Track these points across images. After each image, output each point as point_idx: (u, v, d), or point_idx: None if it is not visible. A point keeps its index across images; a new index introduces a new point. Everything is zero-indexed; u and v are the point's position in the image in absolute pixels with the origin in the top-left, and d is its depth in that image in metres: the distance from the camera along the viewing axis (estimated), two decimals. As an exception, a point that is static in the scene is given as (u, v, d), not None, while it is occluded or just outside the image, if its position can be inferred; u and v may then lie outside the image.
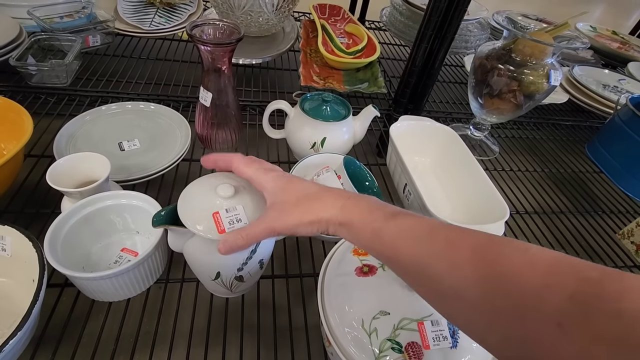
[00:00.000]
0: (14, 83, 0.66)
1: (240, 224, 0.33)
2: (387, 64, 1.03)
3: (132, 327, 0.41)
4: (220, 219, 0.33)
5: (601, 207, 0.75)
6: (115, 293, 0.41)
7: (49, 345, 0.38)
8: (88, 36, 0.76)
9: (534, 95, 0.66)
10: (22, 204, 0.50)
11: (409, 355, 0.33)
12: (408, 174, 0.53)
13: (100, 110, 0.63)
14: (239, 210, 0.34)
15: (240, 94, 0.78)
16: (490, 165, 0.77)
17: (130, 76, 0.75)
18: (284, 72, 0.91)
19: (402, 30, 0.97)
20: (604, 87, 0.99)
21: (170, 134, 0.62)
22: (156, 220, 0.35)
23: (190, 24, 0.50)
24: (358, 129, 0.63)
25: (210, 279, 0.39)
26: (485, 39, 0.99)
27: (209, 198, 0.34)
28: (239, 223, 0.33)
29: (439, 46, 0.67)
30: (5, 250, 0.40)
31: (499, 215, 0.49)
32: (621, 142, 0.75)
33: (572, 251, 0.63)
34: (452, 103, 0.91)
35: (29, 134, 0.47)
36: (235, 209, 0.34)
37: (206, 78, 0.55)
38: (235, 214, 0.33)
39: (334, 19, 1.00)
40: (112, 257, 0.45)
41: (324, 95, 0.60)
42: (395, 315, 0.35)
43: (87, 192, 0.43)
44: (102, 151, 0.47)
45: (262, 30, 0.87)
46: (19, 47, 0.67)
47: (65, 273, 0.37)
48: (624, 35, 1.36)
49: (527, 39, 0.62)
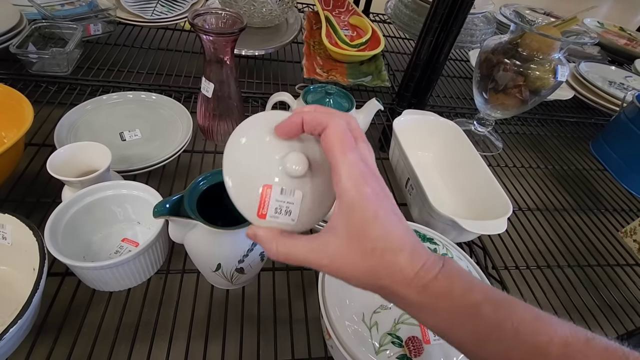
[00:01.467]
0: (14, 71, 0.66)
1: (287, 219, 0.25)
2: (391, 57, 1.02)
3: (132, 317, 0.41)
4: (268, 199, 0.24)
5: (604, 205, 0.75)
6: (115, 283, 0.41)
7: (50, 333, 0.38)
8: (89, 24, 0.75)
9: (539, 90, 0.65)
10: (23, 193, 0.50)
11: (409, 349, 0.33)
12: (411, 169, 0.53)
13: (102, 99, 0.63)
14: (295, 198, 0.25)
15: (243, 85, 0.77)
16: (494, 161, 0.76)
17: (131, 66, 0.74)
18: (286, 64, 0.90)
19: (407, 23, 0.96)
20: (609, 84, 0.97)
21: (172, 125, 0.62)
22: (157, 211, 0.35)
23: (192, 13, 0.49)
24: (361, 122, 0.62)
25: (211, 270, 0.39)
26: (491, 33, 0.98)
27: (269, 162, 0.24)
28: (286, 216, 0.25)
29: (444, 40, 0.66)
30: (6, 239, 0.40)
31: (502, 211, 0.48)
32: (626, 140, 0.74)
33: (574, 248, 0.63)
34: (456, 98, 0.90)
35: (30, 122, 0.46)
36: (293, 193, 0.25)
37: (208, 68, 0.54)
38: (289, 200, 0.25)
39: (338, 10, 0.99)
40: (112, 247, 0.45)
41: (327, 88, 0.60)
42: (396, 310, 0.34)
43: (88, 182, 0.43)
44: (103, 141, 0.47)
45: (265, 21, 0.86)
46: (19, 34, 0.66)
47: (65, 262, 0.37)
48: (632, 31, 1.35)
49: (535, 33, 0.61)
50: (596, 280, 0.59)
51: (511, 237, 0.61)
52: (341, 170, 0.22)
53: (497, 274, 0.53)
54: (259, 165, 0.25)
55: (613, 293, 0.58)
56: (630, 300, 0.58)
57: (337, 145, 0.23)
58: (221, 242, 0.37)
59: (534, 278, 0.56)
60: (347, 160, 0.22)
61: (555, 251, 0.61)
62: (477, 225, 0.45)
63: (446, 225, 0.47)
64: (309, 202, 0.25)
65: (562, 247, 0.63)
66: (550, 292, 0.54)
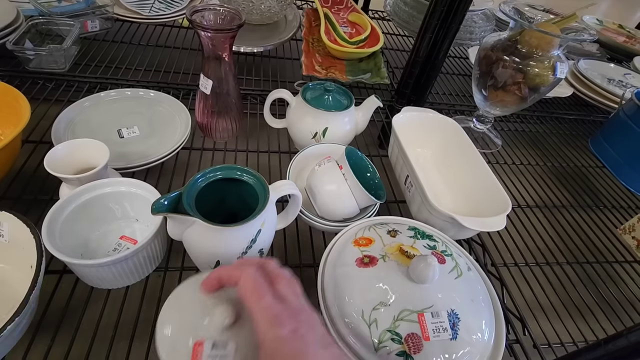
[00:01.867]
0: (11, 68, 0.65)
1: None
2: (390, 54, 1.02)
3: (131, 314, 0.41)
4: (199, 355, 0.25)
5: (603, 202, 0.75)
6: (114, 280, 0.40)
7: (48, 331, 0.38)
8: (87, 21, 0.75)
9: (539, 87, 0.65)
10: (20, 190, 0.50)
11: (408, 346, 0.33)
12: (410, 166, 0.52)
13: (99, 96, 0.62)
14: (228, 350, 0.25)
15: (241, 82, 0.77)
16: (493, 159, 0.76)
17: (129, 63, 0.74)
18: (285, 61, 0.90)
19: (406, 20, 0.96)
20: (608, 81, 0.97)
21: (170, 122, 0.62)
22: (156, 208, 0.34)
23: (190, 9, 0.49)
24: (360, 120, 0.62)
25: (209, 267, 0.39)
26: (490, 30, 0.98)
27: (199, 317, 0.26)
28: None
29: (443, 36, 0.66)
30: (3, 236, 0.39)
31: (501, 208, 0.48)
32: (625, 137, 0.74)
33: (573, 245, 0.63)
34: (455, 95, 0.90)
35: (27, 119, 0.46)
36: (225, 346, 0.25)
37: (207, 65, 0.54)
38: (222, 353, 0.25)
39: (337, 7, 0.99)
40: (111, 244, 0.45)
41: (326, 85, 0.60)
42: (395, 307, 0.34)
43: (86, 179, 0.42)
44: (101, 138, 0.46)
45: (264, 18, 0.85)
46: (16, 30, 0.65)
47: (63, 260, 0.36)
48: (630, 29, 1.35)
49: (534, 30, 0.60)
50: (595, 277, 0.59)
51: (510, 234, 0.61)
52: (256, 317, 0.23)
53: (496, 271, 0.53)
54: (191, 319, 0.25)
55: (612, 290, 0.58)
56: (629, 297, 0.58)
57: (249, 294, 0.24)
58: (220, 239, 0.36)
59: (532, 275, 0.56)
60: (260, 307, 0.24)
61: (554, 248, 0.61)
62: (476, 222, 0.45)
63: (445, 223, 0.47)
64: (244, 350, 0.25)
65: (561, 244, 0.63)
66: (549, 289, 0.54)
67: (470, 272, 0.40)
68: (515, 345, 0.46)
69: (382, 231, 0.43)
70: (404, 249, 0.39)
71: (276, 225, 0.43)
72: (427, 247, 0.40)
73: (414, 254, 0.39)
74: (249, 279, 0.24)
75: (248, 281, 0.24)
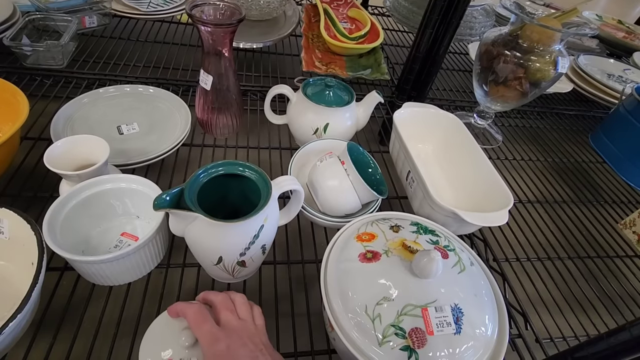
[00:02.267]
0: (8, 64, 0.65)
1: None
2: (391, 50, 1.02)
3: (133, 311, 0.41)
4: None
5: (603, 197, 0.75)
6: (115, 277, 0.40)
7: (50, 328, 0.38)
8: (84, 17, 0.74)
9: (540, 82, 0.65)
10: (20, 187, 0.50)
11: (412, 340, 0.33)
12: (412, 162, 0.52)
13: (98, 93, 0.62)
14: None
15: (241, 79, 0.77)
16: (494, 154, 0.76)
17: (128, 59, 0.73)
18: (285, 57, 0.90)
19: (406, 16, 0.95)
20: (608, 77, 0.97)
21: (170, 118, 0.61)
22: (158, 204, 0.34)
23: (190, 4, 0.48)
24: (361, 115, 0.62)
25: (212, 263, 0.39)
26: (490, 26, 0.97)
27: (170, 340, 0.33)
28: None
29: (444, 32, 0.66)
30: (3, 233, 0.39)
31: (503, 203, 0.48)
32: (625, 132, 0.74)
33: (574, 240, 0.63)
34: (455, 91, 0.90)
35: (25, 116, 0.46)
36: None
37: (206, 61, 0.53)
38: None
39: (336, 3, 0.98)
40: (112, 241, 0.44)
41: (327, 80, 0.59)
42: (399, 301, 0.34)
43: (86, 175, 0.42)
44: (100, 134, 0.46)
45: (263, 14, 0.85)
46: (12, 26, 0.65)
47: (64, 256, 0.36)
48: (630, 24, 1.34)
49: (535, 24, 0.60)
50: (596, 271, 0.59)
51: (512, 229, 0.61)
52: (200, 340, 0.31)
53: (498, 266, 0.53)
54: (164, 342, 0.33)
55: (613, 284, 0.58)
56: (630, 291, 0.58)
57: (192, 324, 0.31)
58: (223, 235, 0.36)
59: (534, 270, 0.56)
60: (201, 331, 0.31)
61: (555, 243, 0.61)
62: (478, 217, 0.45)
63: (447, 218, 0.47)
64: None
65: (562, 239, 0.63)
66: (550, 284, 0.55)
67: (473, 267, 0.40)
68: (517, 339, 0.46)
69: (385, 226, 0.42)
70: (407, 244, 0.39)
71: (278, 221, 0.43)
72: (430, 242, 0.40)
73: (417, 249, 0.38)
74: (190, 313, 0.32)
75: (190, 315, 0.32)
